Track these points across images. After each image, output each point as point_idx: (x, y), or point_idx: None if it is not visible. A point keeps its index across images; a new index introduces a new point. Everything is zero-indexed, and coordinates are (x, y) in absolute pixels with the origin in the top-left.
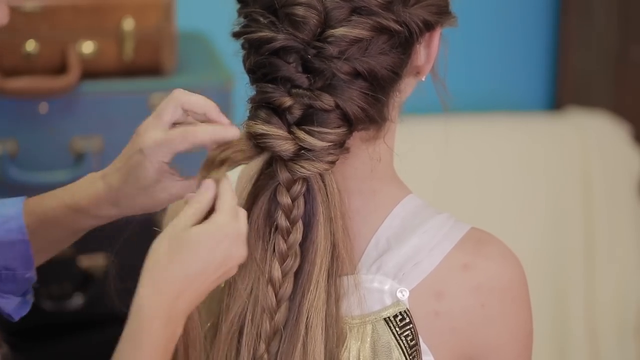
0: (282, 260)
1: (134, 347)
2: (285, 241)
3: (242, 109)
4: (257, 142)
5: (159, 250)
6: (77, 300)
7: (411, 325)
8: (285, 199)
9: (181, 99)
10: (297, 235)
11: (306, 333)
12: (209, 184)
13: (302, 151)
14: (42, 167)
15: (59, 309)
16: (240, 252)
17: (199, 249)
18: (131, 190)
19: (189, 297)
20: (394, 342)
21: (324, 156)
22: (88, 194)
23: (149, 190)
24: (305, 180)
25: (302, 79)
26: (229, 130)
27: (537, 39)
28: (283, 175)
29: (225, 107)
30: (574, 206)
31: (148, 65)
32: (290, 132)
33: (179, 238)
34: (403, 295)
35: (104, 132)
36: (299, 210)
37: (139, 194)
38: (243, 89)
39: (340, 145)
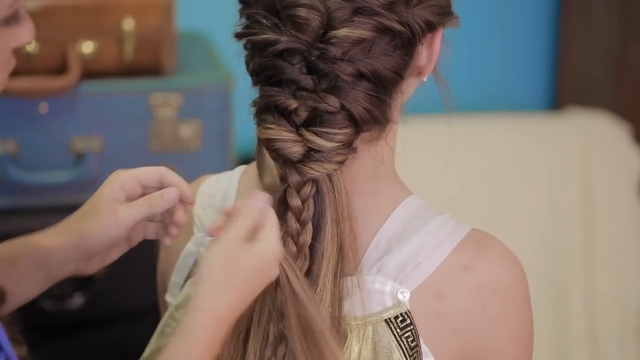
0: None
1: (181, 352)
2: (296, 243)
3: (243, 109)
4: (266, 146)
5: (213, 272)
6: (77, 300)
7: (412, 327)
8: (295, 201)
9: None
10: (307, 237)
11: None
12: (263, 197)
13: (311, 153)
14: (42, 167)
15: (59, 309)
16: (275, 272)
17: (250, 278)
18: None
19: (234, 316)
20: (394, 343)
21: (333, 157)
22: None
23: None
24: (315, 181)
25: (307, 81)
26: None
27: (537, 39)
28: (293, 178)
29: (226, 108)
30: (574, 206)
31: (148, 65)
32: (298, 134)
33: (235, 258)
34: (404, 297)
35: (104, 132)
36: (308, 212)
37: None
38: (243, 89)
39: (349, 145)
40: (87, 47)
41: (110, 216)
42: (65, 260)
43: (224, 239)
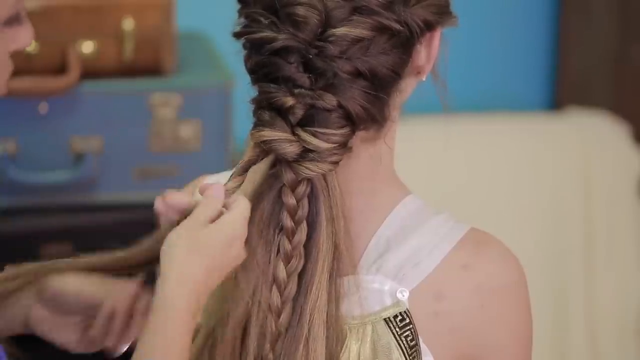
0: (287, 260)
1: (162, 337)
2: (290, 242)
3: (243, 109)
4: (262, 147)
5: (177, 247)
6: None
7: (411, 326)
8: (290, 200)
9: None
10: (301, 235)
11: (309, 333)
12: (219, 188)
13: (307, 152)
14: (42, 167)
15: None
16: (243, 253)
17: (216, 245)
18: None
19: (207, 290)
20: (394, 342)
21: (328, 157)
22: None
23: None
24: (310, 180)
25: (304, 79)
26: None
27: (537, 39)
28: (288, 176)
29: (226, 108)
30: (574, 206)
31: (148, 65)
32: (294, 134)
33: (196, 235)
34: (403, 296)
35: (104, 132)
36: (303, 210)
37: None
38: (243, 89)
39: (344, 146)
40: (87, 47)
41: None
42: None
43: (182, 224)
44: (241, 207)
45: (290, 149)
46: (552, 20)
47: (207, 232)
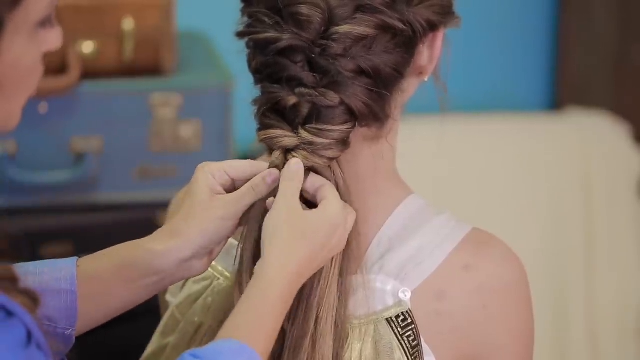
0: None
1: (255, 316)
2: None
3: (243, 109)
4: (266, 145)
5: (281, 232)
6: None
7: (413, 326)
8: None
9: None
10: None
11: (315, 329)
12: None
13: (303, 145)
14: (42, 167)
15: None
16: (344, 241)
17: (320, 234)
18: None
19: (306, 275)
20: (395, 342)
21: (322, 150)
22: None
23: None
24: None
25: (309, 78)
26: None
27: (537, 39)
28: None
29: (226, 108)
30: (574, 206)
31: (148, 65)
32: (294, 130)
33: (299, 222)
34: (405, 296)
35: (104, 132)
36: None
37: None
38: (243, 89)
39: (343, 142)
40: (87, 47)
41: (218, 211)
42: (179, 262)
43: (282, 200)
44: (336, 194)
45: (287, 141)
46: (552, 20)
47: (311, 219)
